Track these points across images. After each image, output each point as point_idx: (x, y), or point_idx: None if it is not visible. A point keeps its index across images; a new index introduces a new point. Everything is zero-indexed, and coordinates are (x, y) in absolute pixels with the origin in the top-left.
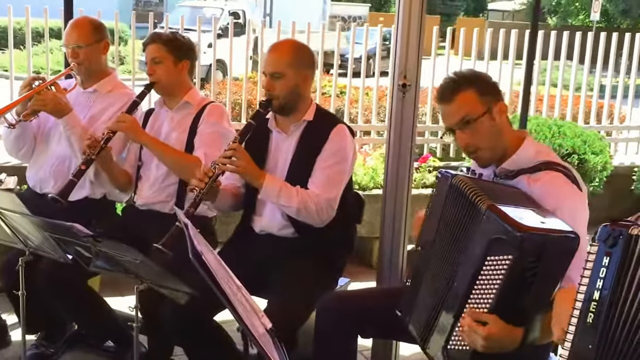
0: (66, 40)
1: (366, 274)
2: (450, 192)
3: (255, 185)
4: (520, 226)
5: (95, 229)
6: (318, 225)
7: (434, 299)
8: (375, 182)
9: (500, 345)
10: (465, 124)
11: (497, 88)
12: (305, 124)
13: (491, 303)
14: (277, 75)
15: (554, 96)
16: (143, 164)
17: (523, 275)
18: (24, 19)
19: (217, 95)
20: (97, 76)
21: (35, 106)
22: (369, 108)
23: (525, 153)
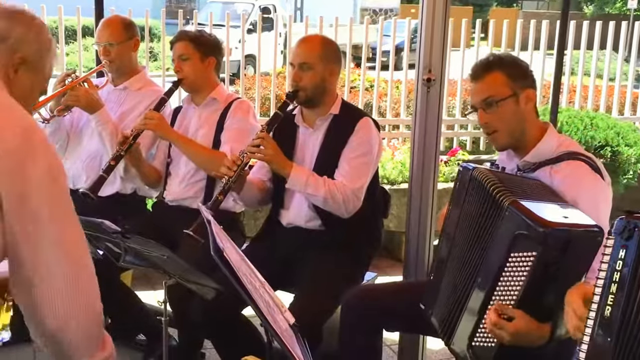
0: (98, 38)
1: (395, 267)
2: (471, 184)
3: (283, 174)
4: (544, 222)
5: (125, 225)
6: (344, 216)
7: (456, 293)
8: (404, 176)
9: (528, 340)
10: (488, 104)
11: (530, 76)
12: (331, 117)
13: (516, 299)
14: (305, 67)
15: (587, 87)
16: (172, 160)
17: (547, 271)
18: (57, 17)
19: (247, 90)
20: (128, 73)
21: (68, 102)
22: (398, 101)
23: (548, 144)
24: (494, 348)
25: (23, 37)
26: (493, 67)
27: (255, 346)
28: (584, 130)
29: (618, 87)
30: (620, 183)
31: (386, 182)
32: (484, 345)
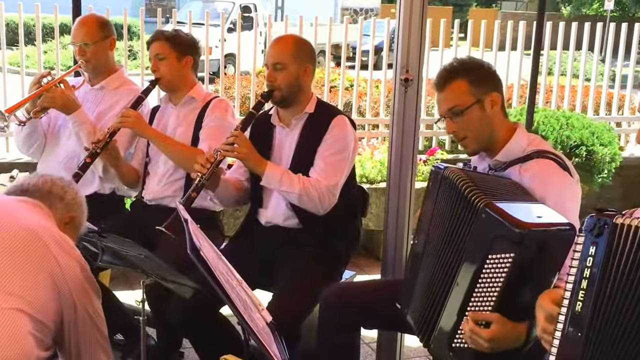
0: (73, 38)
1: (374, 266)
2: (443, 184)
3: (257, 172)
4: (520, 223)
5: (101, 224)
6: (319, 213)
7: (432, 293)
8: (383, 176)
9: (505, 344)
10: (454, 113)
11: (494, 78)
12: (306, 116)
13: (495, 301)
14: (279, 67)
15: (564, 87)
16: (150, 159)
17: (525, 272)
18: (34, 15)
19: (226, 89)
20: (105, 73)
21: (44, 103)
22: (377, 101)
23: (517, 144)
24: (474, 350)
25: (74, 200)
26: (456, 76)
27: (234, 345)
28: (560, 129)
29: (594, 87)
30: (596, 182)
31: (365, 181)
32: (464, 347)
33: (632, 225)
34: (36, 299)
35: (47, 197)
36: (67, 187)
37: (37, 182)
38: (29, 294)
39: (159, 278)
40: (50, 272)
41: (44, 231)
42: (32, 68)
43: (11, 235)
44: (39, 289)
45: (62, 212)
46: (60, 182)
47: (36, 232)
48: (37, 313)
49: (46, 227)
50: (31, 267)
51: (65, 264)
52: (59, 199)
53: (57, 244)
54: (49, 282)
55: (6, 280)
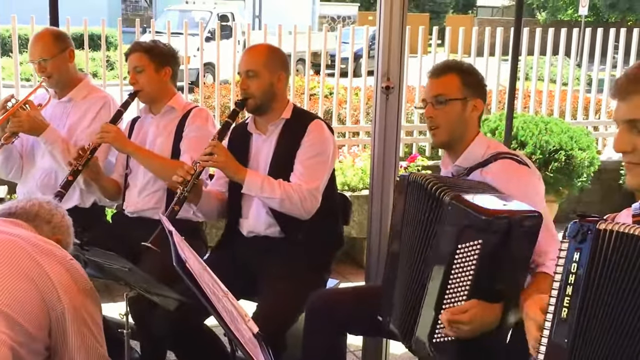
0: (31, 56)
1: (357, 274)
2: (409, 188)
3: (238, 180)
4: (486, 211)
5: (83, 237)
6: (303, 217)
7: (410, 293)
8: (365, 183)
9: (485, 324)
10: (438, 101)
11: (482, 87)
12: (283, 122)
13: (469, 288)
14: (251, 74)
15: (541, 92)
16: (131, 171)
17: (494, 258)
18: (10, 26)
19: (206, 99)
20: (70, 85)
21: (12, 129)
22: (357, 108)
23: (476, 148)
24: (455, 341)
25: (60, 223)
26: (452, 70)
27: (219, 356)
28: (538, 135)
29: (571, 92)
30: (575, 186)
31: (347, 189)
32: (444, 340)
33: (614, 230)
34: (21, 308)
35: (33, 220)
36: (54, 210)
37: (24, 205)
38: (11, 303)
39: (143, 290)
40: (32, 277)
41: (22, 240)
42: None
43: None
44: (22, 298)
45: (48, 234)
46: (47, 205)
47: (13, 241)
48: (23, 322)
49: (25, 237)
50: (12, 275)
51: (51, 270)
52: (46, 222)
53: (39, 250)
54: (32, 288)
55: None
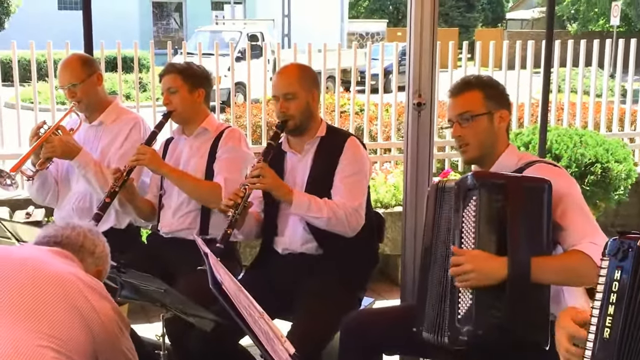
0: (60, 82)
1: (392, 291)
2: (438, 194)
3: (285, 200)
4: (483, 173)
5: (120, 259)
6: (348, 235)
7: (439, 296)
8: (397, 200)
9: (489, 270)
10: (464, 118)
11: (506, 98)
12: (318, 140)
13: (474, 244)
14: (289, 96)
15: (575, 104)
16: (165, 192)
17: (494, 213)
18: (46, 51)
19: (237, 118)
20: (99, 108)
21: (46, 154)
22: (388, 125)
23: (508, 159)
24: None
25: (103, 253)
26: (472, 86)
27: None
28: (573, 147)
29: (605, 103)
30: (612, 199)
31: (380, 206)
32: (467, 312)
33: None
34: (68, 338)
35: (79, 251)
36: (97, 241)
37: (70, 234)
38: (61, 333)
39: (179, 312)
40: (83, 314)
41: (74, 277)
42: (44, 104)
43: (43, 281)
44: (71, 328)
45: (91, 266)
46: (90, 234)
47: (67, 278)
48: (69, 351)
49: (76, 273)
50: (63, 310)
51: (99, 306)
52: (90, 253)
53: (89, 287)
54: (82, 323)
55: (38, 321)
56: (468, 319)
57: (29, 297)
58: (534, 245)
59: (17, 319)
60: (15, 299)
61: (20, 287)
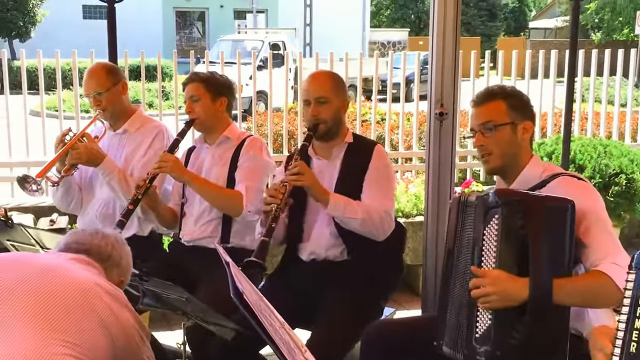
0: (85, 91)
1: (413, 302)
2: (460, 207)
3: (322, 199)
4: (505, 191)
5: (142, 267)
6: (380, 238)
7: (458, 310)
8: (419, 209)
9: (508, 291)
10: (487, 128)
11: (530, 109)
12: (346, 145)
13: (495, 263)
14: (322, 100)
15: (599, 114)
16: (187, 200)
17: (516, 233)
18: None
19: (258, 127)
20: (124, 116)
21: (72, 161)
22: (410, 134)
23: (532, 171)
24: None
25: (127, 265)
26: (496, 96)
27: None
28: (597, 158)
29: (630, 113)
30: (637, 210)
31: (401, 216)
32: (485, 332)
33: None
34: (89, 345)
35: (105, 261)
36: (123, 252)
37: (99, 244)
38: (81, 340)
39: (200, 320)
40: (103, 320)
41: (95, 284)
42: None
43: (63, 288)
44: (91, 335)
45: (115, 276)
46: (118, 245)
47: (88, 285)
48: (90, 358)
49: (98, 281)
50: (83, 316)
51: (120, 314)
52: (116, 265)
53: (110, 295)
54: (102, 330)
55: (56, 328)
56: (486, 339)
57: (47, 303)
58: (556, 266)
59: (32, 326)
60: (32, 304)
61: (38, 292)
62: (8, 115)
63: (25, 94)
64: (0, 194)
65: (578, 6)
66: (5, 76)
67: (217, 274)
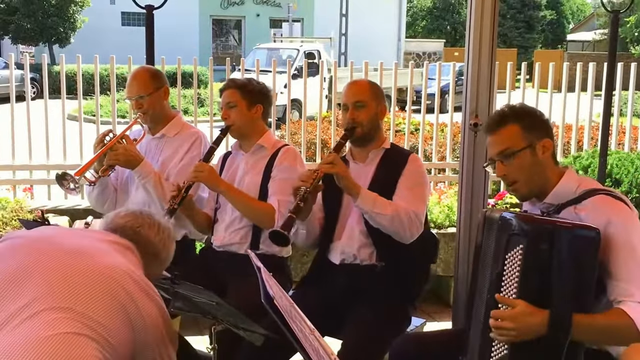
0: (128, 93)
1: (444, 313)
2: (486, 223)
3: (352, 193)
4: (529, 218)
5: (174, 271)
6: (406, 240)
7: (478, 328)
8: (451, 220)
9: (530, 329)
10: (505, 156)
11: (545, 124)
12: (383, 151)
13: (515, 294)
14: (359, 105)
15: (637, 128)
16: (220, 206)
17: (539, 263)
18: (109, 65)
19: (292, 135)
20: (163, 121)
21: (110, 162)
22: (443, 145)
23: (567, 185)
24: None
25: (166, 262)
26: (508, 120)
27: None
28: (634, 172)
29: None
30: None
31: (433, 226)
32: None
33: None
34: (110, 326)
35: (150, 255)
36: (170, 249)
37: (153, 240)
38: (104, 319)
39: (230, 325)
40: (126, 310)
41: (125, 273)
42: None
43: (94, 271)
44: (114, 318)
45: (154, 271)
46: (169, 241)
47: (115, 272)
48: (109, 337)
49: (129, 270)
50: (109, 301)
51: (144, 306)
52: (160, 262)
53: (138, 286)
54: (125, 318)
55: (83, 305)
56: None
57: (70, 283)
58: (578, 299)
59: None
60: (56, 282)
61: (64, 271)
62: (47, 119)
63: (63, 98)
64: (38, 197)
65: (617, 19)
66: (45, 80)
67: (246, 280)
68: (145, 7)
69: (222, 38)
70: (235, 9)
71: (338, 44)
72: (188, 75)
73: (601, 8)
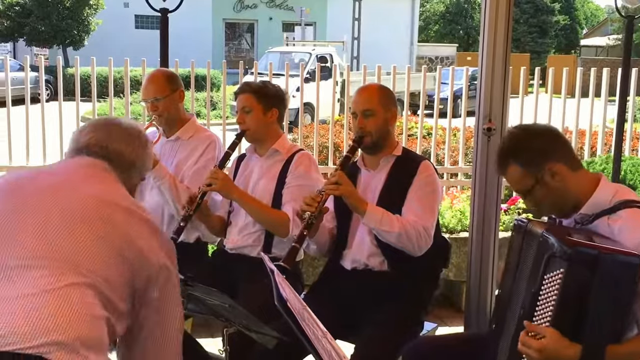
0: (144, 95)
1: (456, 318)
2: (526, 237)
3: (359, 211)
4: (571, 241)
5: (187, 273)
6: (415, 254)
7: (506, 339)
8: (463, 225)
9: (556, 357)
10: (523, 194)
11: (550, 149)
12: (394, 158)
13: (550, 319)
14: (368, 113)
15: None
16: (234, 210)
17: (578, 290)
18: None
19: (304, 139)
20: (178, 124)
21: None
22: (456, 149)
23: (602, 195)
24: None
25: (145, 163)
26: (507, 162)
27: None
28: None
29: None
30: None
31: (445, 231)
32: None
33: None
34: (103, 269)
35: (127, 169)
36: (146, 155)
37: (124, 150)
38: (89, 262)
39: (242, 327)
40: (114, 241)
41: (108, 203)
42: None
43: (75, 205)
44: (106, 261)
45: (136, 179)
46: (141, 149)
47: (100, 204)
48: (103, 280)
49: (108, 197)
50: (94, 237)
51: (132, 231)
52: (137, 168)
53: (121, 209)
54: (113, 251)
55: (71, 250)
56: None
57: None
58: (613, 329)
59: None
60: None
61: (48, 210)
62: (61, 121)
63: (78, 100)
64: None
65: (632, 24)
66: (60, 83)
67: (257, 283)
68: (160, 10)
69: (234, 41)
70: (248, 13)
71: (350, 48)
72: (201, 78)
73: (615, 13)
